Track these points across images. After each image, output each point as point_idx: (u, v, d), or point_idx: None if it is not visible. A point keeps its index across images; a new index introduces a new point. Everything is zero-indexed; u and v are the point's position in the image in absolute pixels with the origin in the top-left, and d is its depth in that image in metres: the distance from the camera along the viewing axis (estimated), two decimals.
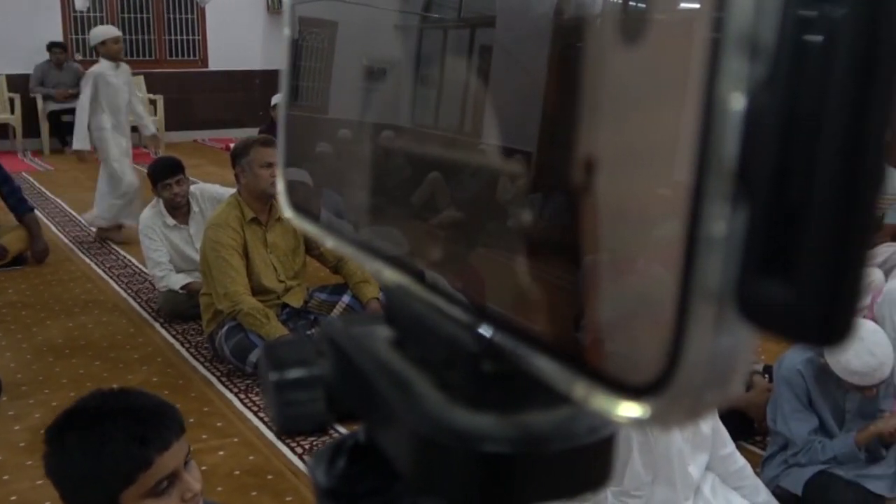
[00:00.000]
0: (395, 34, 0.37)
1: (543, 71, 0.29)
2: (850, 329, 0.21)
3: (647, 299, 0.25)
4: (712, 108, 0.22)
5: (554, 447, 0.30)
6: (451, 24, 0.33)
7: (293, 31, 0.44)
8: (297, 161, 0.44)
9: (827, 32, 0.20)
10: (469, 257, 0.32)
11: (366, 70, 0.40)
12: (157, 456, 1.42)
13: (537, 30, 0.29)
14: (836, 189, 0.21)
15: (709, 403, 0.24)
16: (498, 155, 0.31)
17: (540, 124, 0.29)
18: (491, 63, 0.31)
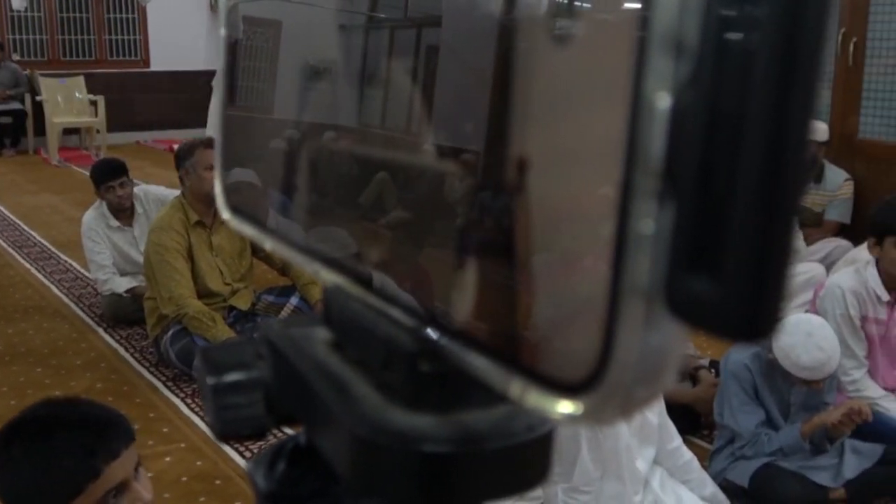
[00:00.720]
0: (340, 34, 0.37)
1: (483, 71, 0.29)
2: (776, 324, 0.22)
3: (579, 298, 0.25)
4: (639, 108, 0.22)
5: (492, 445, 0.30)
6: (396, 23, 0.33)
7: (230, 31, 0.43)
8: (235, 162, 0.44)
9: (748, 31, 0.21)
10: (405, 257, 0.32)
11: (309, 70, 0.40)
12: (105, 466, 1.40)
13: (476, 30, 0.29)
14: (758, 186, 0.21)
15: (641, 399, 0.25)
16: (435, 155, 0.31)
17: (475, 124, 0.29)
18: (433, 63, 0.31)
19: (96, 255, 4.64)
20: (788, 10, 0.20)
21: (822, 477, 2.75)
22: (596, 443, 2.31)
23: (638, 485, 2.36)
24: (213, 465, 3.13)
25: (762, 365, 2.75)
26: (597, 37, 0.24)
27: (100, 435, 1.41)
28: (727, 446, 2.83)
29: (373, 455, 0.30)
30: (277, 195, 0.41)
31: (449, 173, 0.30)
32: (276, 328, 0.37)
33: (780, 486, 2.70)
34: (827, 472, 2.77)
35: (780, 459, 2.74)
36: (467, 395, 0.31)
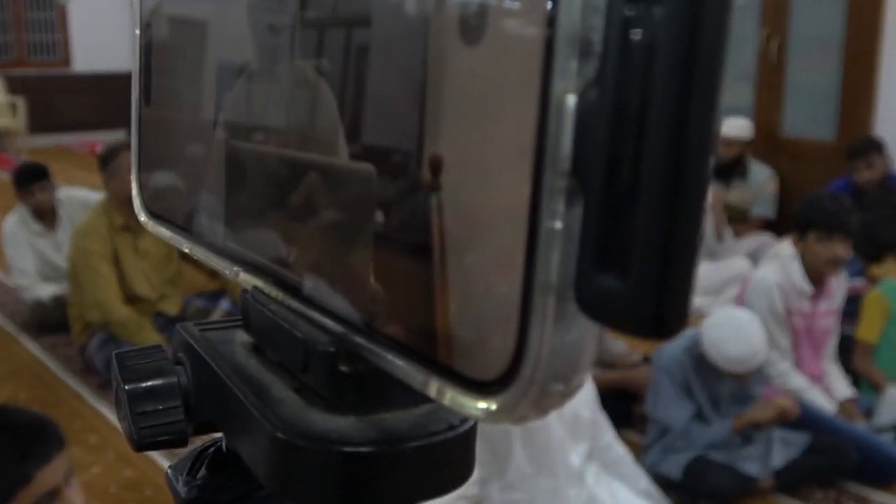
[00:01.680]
0: (260, 32, 0.36)
1: (400, 71, 0.29)
2: (682, 321, 0.22)
3: (492, 296, 0.25)
4: (546, 107, 0.23)
5: (413, 445, 0.30)
6: (319, 23, 0.33)
7: (144, 31, 0.43)
8: (153, 164, 0.43)
9: (650, 30, 0.21)
10: (324, 258, 0.32)
11: (231, 69, 0.39)
12: (36, 471, 1.37)
13: (393, 30, 0.29)
14: (661, 184, 0.21)
15: (556, 394, 0.25)
16: (351, 155, 0.31)
17: (391, 124, 0.29)
18: (355, 63, 0.31)
19: (19, 261, 4.52)
20: (688, 9, 0.21)
21: (751, 467, 2.81)
22: (529, 439, 2.33)
23: (572, 480, 2.38)
24: (142, 474, 3.08)
25: (693, 359, 2.80)
26: (505, 36, 0.24)
27: (30, 440, 1.38)
28: (660, 440, 2.88)
29: (292, 457, 0.30)
30: (196, 197, 0.40)
31: (366, 173, 0.30)
32: (194, 332, 0.36)
33: (711, 478, 2.75)
34: (756, 462, 2.83)
35: (710, 452, 2.79)
36: (388, 395, 0.31)
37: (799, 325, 3.11)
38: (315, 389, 0.32)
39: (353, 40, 0.31)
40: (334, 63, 0.31)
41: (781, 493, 2.81)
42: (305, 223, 0.33)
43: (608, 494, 2.39)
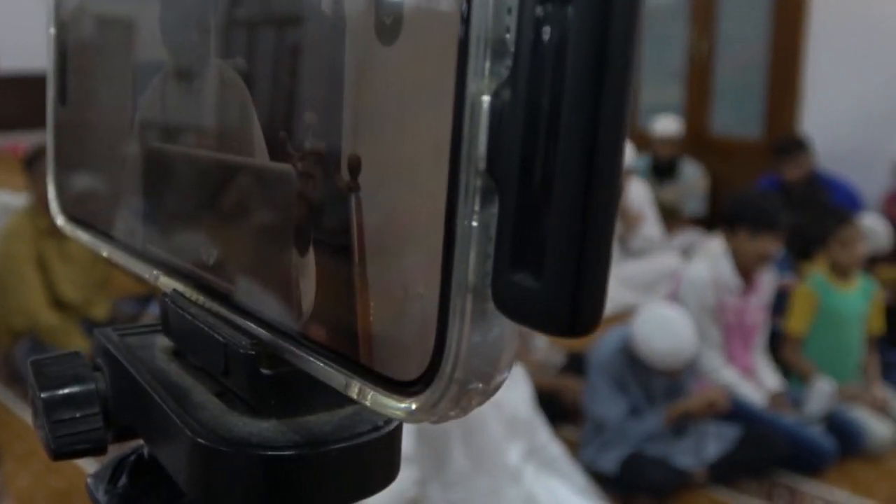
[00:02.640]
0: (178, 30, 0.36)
1: (316, 71, 0.28)
2: (597, 319, 0.22)
3: (411, 296, 0.25)
4: (462, 107, 0.23)
5: (336, 447, 0.30)
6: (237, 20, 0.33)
7: (59, 29, 0.42)
8: (70, 166, 0.42)
9: (560, 30, 0.21)
10: (243, 260, 0.32)
11: (146, 68, 0.38)
12: None
13: (313, 29, 0.29)
14: (574, 183, 0.21)
15: (476, 394, 0.25)
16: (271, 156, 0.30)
17: (306, 124, 0.29)
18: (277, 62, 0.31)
19: None
20: (598, 9, 0.21)
21: (685, 461, 2.86)
22: (468, 438, 2.34)
23: (510, 479, 2.40)
24: (70, 483, 3.01)
25: (627, 356, 2.84)
26: (420, 37, 0.24)
27: None
28: (595, 436, 2.91)
29: (213, 463, 0.30)
30: (114, 200, 0.39)
31: (284, 174, 0.29)
32: (113, 337, 0.36)
33: (647, 472, 2.79)
34: (689, 455, 2.88)
35: (645, 447, 2.83)
36: (312, 397, 0.31)
37: (730, 320, 3.17)
38: (236, 393, 0.31)
39: (270, 39, 0.30)
40: (251, 62, 0.31)
41: (715, 485, 2.87)
42: (224, 225, 0.32)
43: (546, 492, 2.41)
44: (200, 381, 0.33)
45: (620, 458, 2.82)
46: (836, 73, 4.56)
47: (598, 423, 2.90)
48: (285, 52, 0.30)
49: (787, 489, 2.88)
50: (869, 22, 4.48)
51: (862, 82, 4.51)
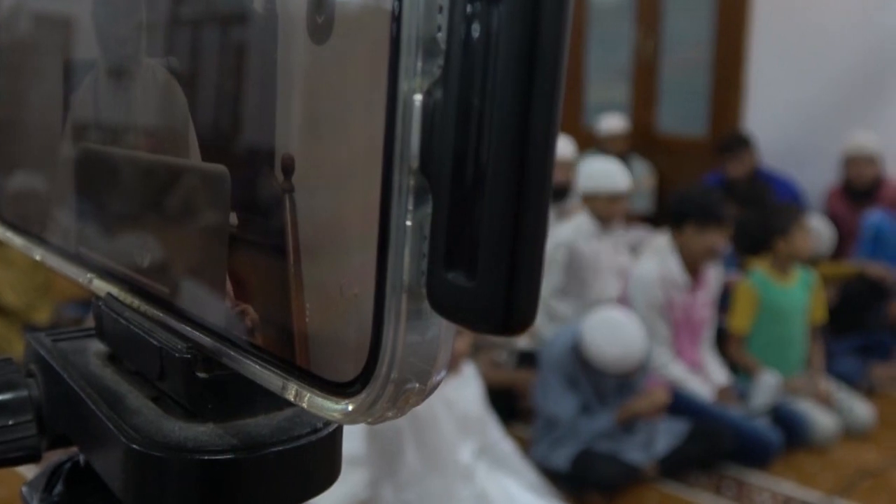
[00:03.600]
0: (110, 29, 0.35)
1: (249, 71, 0.28)
2: (531, 317, 0.22)
3: (346, 297, 0.25)
4: (394, 107, 0.23)
5: (275, 450, 0.30)
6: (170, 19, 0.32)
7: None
8: (2, 167, 0.41)
9: (491, 29, 0.21)
10: (179, 262, 0.31)
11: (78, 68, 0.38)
12: None
13: (242, 28, 0.28)
14: (505, 181, 0.21)
15: (413, 393, 0.25)
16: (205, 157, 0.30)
17: (240, 124, 0.28)
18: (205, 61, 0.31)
19: None
20: (528, 7, 0.21)
21: (635, 456, 2.88)
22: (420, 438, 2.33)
23: (462, 477, 2.40)
24: (11, 491, 2.95)
25: (578, 354, 2.86)
26: (351, 36, 0.24)
27: None
28: (547, 433, 2.93)
29: (148, 469, 0.29)
30: (47, 203, 0.38)
31: (219, 175, 0.29)
32: (46, 343, 0.35)
33: (598, 468, 2.81)
34: (639, 451, 2.91)
35: (596, 443, 2.86)
36: (250, 400, 0.31)
37: (678, 315, 3.21)
38: (172, 397, 0.31)
39: (202, 37, 0.30)
40: (184, 61, 0.30)
41: (665, 479, 2.90)
42: (158, 227, 0.32)
43: (498, 490, 2.42)
44: (136, 386, 0.32)
45: (572, 455, 2.84)
46: (779, 73, 4.63)
47: (549, 420, 2.92)
48: (218, 50, 0.29)
49: (735, 481, 2.92)
50: (810, 22, 4.56)
51: (803, 81, 4.59)
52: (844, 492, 2.82)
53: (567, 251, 3.43)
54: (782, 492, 2.85)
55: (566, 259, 3.45)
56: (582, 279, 3.48)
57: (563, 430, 2.89)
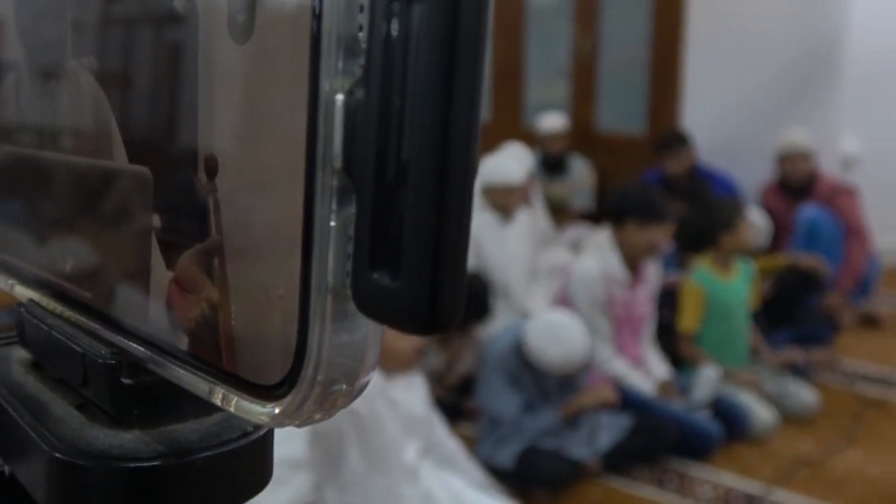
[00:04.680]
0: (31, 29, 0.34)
1: (171, 71, 0.28)
2: (456, 315, 0.22)
3: (271, 299, 0.25)
4: (316, 107, 0.23)
5: (204, 455, 0.29)
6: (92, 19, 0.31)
7: None
8: None
9: (410, 27, 0.21)
10: (102, 266, 0.31)
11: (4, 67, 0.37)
12: None
13: (163, 27, 0.28)
14: (427, 181, 0.21)
15: (341, 395, 0.25)
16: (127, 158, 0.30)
17: (163, 125, 0.28)
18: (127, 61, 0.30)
19: None
20: (447, 5, 0.21)
21: (579, 452, 2.91)
22: (363, 439, 2.33)
23: (407, 477, 2.40)
24: None
25: (521, 353, 2.88)
26: (272, 35, 0.24)
27: None
28: (491, 431, 2.94)
29: (73, 478, 0.29)
30: None
31: (142, 177, 0.29)
32: None
33: (542, 465, 2.83)
34: (583, 446, 2.93)
35: (540, 440, 2.88)
36: (177, 406, 0.30)
37: (619, 312, 3.24)
38: (97, 404, 0.30)
39: (124, 39, 0.29)
40: (106, 61, 0.30)
41: (608, 474, 2.93)
42: (81, 230, 0.31)
43: (443, 488, 2.42)
44: (60, 393, 0.31)
45: (516, 453, 2.86)
46: (714, 71, 4.71)
47: (493, 418, 2.93)
48: (139, 51, 0.29)
49: (677, 474, 2.96)
50: (744, 22, 4.64)
51: (738, 80, 4.67)
52: (783, 482, 2.88)
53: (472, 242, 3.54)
54: (723, 483, 2.90)
55: (474, 250, 3.59)
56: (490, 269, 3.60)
57: (506, 428, 2.90)
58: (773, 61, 4.62)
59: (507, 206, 3.67)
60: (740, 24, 4.64)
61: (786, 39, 4.61)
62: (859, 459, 3.04)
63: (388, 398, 2.33)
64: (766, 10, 4.63)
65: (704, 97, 4.78)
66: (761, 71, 4.64)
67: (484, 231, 3.66)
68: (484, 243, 3.65)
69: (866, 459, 3.04)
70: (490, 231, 3.67)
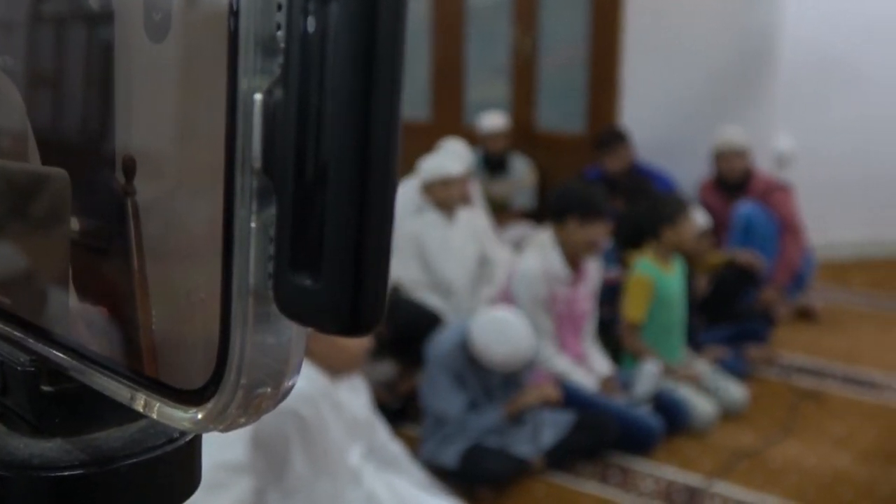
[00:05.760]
0: None
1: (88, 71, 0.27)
2: (379, 315, 0.22)
3: (192, 302, 0.24)
4: (235, 106, 0.22)
5: (128, 463, 0.29)
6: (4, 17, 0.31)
7: None
8: None
9: (328, 26, 0.21)
10: (19, 271, 0.30)
11: None
12: None
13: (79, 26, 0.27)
14: (347, 181, 0.21)
15: (265, 398, 0.24)
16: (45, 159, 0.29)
17: (79, 126, 0.27)
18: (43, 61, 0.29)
19: None
20: (363, 3, 0.21)
21: (522, 449, 2.93)
22: (307, 443, 2.31)
23: (350, 480, 2.39)
24: None
25: (465, 351, 2.88)
26: (190, 34, 0.24)
27: None
28: (436, 431, 2.94)
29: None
30: None
31: (59, 179, 0.28)
32: None
33: (486, 463, 2.84)
34: (527, 444, 2.95)
35: (484, 439, 2.89)
36: (101, 413, 0.30)
37: (561, 309, 3.27)
38: (18, 413, 0.29)
39: (39, 37, 0.29)
40: (20, 61, 0.29)
41: (552, 471, 2.95)
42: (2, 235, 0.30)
43: (386, 490, 2.41)
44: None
45: (460, 451, 2.86)
46: (651, 70, 4.77)
47: (437, 417, 2.93)
48: (54, 50, 0.28)
49: (620, 469, 3.00)
50: (679, 21, 4.71)
51: (675, 78, 4.74)
52: (723, 474, 2.93)
53: (416, 243, 3.60)
54: (664, 477, 2.94)
55: (417, 250, 3.61)
56: (434, 269, 3.63)
57: (451, 427, 2.91)
58: (709, 60, 4.70)
59: (447, 202, 3.68)
60: (677, 23, 4.71)
61: (721, 38, 4.69)
62: (796, 450, 3.10)
63: (332, 401, 2.32)
64: (701, 9, 4.70)
65: (642, 96, 4.84)
66: (697, 70, 4.72)
67: (428, 230, 3.67)
68: (428, 242, 3.66)
69: (803, 450, 3.11)
70: (434, 230, 3.68)
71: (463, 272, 3.73)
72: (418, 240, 3.67)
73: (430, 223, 3.69)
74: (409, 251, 3.67)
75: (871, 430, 3.26)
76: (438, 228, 3.70)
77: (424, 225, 3.69)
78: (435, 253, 3.68)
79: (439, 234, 3.69)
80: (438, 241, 3.68)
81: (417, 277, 3.66)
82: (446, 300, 3.65)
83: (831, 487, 2.87)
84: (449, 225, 3.72)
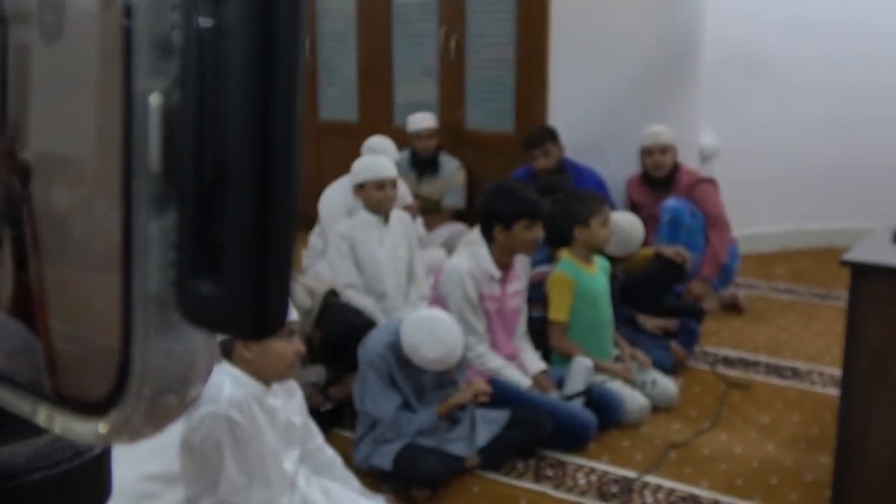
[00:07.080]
0: None
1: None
2: (282, 317, 0.22)
3: (92, 311, 0.24)
4: (131, 109, 0.22)
5: (32, 478, 0.28)
6: None
7: None
8: None
9: (223, 26, 0.21)
10: None
11: None
12: None
13: None
14: (247, 184, 0.21)
15: (172, 408, 0.24)
16: None
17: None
18: None
19: None
20: (258, 3, 0.20)
21: (457, 448, 2.93)
22: (241, 451, 2.28)
23: (285, 487, 2.37)
24: None
25: (396, 352, 2.87)
26: (83, 35, 0.23)
27: None
28: (369, 432, 2.93)
29: None
30: None
31: None
32: None
33: (421, 463, 2.84)
34: (461, 443, 2.96)
35: (419, 439, 2.88)
36: (3, 427, 0.29)
37: (491, 308, 3.28)
38: None
39: None
40: None
41: (487, 469, 2.96)
42: None
43: (320, 494, 2.40)
44: None
45: (394, 453, 2.86)
46: (578, 69, 4.82)
47: (371, 419, 2.92)
48: None
49: (554, 464, 3.02)
50: (604, 20, 4.77)
51: (601, 76, 4.79)
52: (654, 466, 2.97)
53: (349, 244, 3.61)
54: (598, 470, 2.97)
55: (351, 251, 3.62)
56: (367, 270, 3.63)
57: (384, 428, 2.90)
58: (635, 59, 4.77)
59: (382, 203, 3.68)
60: (603, 22, 4.77)
61: (646, 38, 4.76)
62: (724, 439, 3.17)
63: (266, 406, 2.29)
64: (626, 8, 4.77)
65: (570, 94, 4.88)
66: (624, 68, 4.78)
67: (362, 231, 3.66)
68: (361, 243, 3.64)
69: (730, 439, 3.17)
70: (368, 231, 3.68)
71: (396, 273, 3.73)
72: (351, 241, 3.66)
73: (366, 223, 3.68)
74: (343, 252, 3.66)
75: (796, 417, 3.35)
76: (374, 230, 3.69)
77: (359, 225, 3.68)
78: (368, 254, 3.67)
79: (375, 235, 3.68)
80: (373, 243, 3.67)
81: (350, 280, 3.64)
82: (380, 302, 3.64)
83: (759, 474, 2.93)
84: (382, 226, 3.71)
